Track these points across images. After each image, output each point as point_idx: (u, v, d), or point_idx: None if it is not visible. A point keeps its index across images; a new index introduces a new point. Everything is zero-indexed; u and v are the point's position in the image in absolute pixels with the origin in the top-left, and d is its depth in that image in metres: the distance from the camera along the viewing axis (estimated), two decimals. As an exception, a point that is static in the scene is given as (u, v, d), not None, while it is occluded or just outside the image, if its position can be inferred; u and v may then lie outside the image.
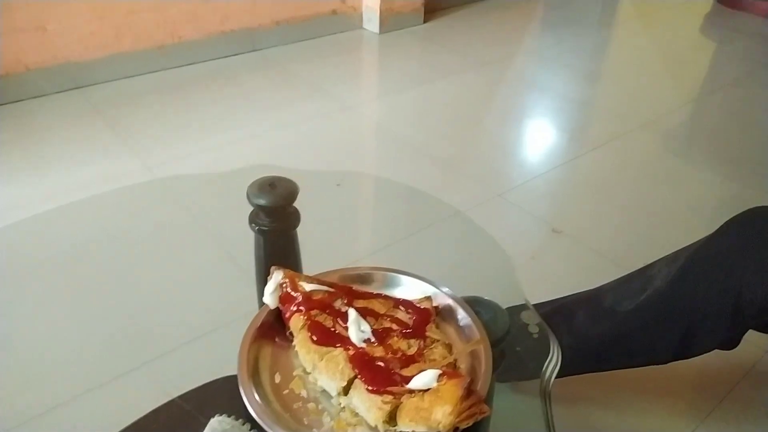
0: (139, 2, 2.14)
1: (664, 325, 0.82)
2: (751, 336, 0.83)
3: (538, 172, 1.80)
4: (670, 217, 1.63)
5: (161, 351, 1.03)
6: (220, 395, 0.55)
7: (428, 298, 0.61)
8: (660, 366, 0.89)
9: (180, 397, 0.59)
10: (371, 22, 2.75)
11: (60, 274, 1.11)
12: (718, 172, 1.88)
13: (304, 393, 0.54)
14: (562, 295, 0.99)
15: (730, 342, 0.82)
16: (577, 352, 0.90)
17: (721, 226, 0.82)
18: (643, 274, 0.89)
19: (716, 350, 0.84)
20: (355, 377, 0.52)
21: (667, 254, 0.88)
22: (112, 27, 2.13)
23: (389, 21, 2.74)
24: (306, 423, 0.51)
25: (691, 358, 0.85)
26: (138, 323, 1.06)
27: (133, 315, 1.07)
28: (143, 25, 2.19)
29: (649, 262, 0.90)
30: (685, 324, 0.80)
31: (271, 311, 0.60)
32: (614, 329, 0.87)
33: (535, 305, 0.99)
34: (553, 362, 0.61)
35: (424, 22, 2.88)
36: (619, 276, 0.93)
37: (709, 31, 3.23)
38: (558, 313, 0.94)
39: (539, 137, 2.07)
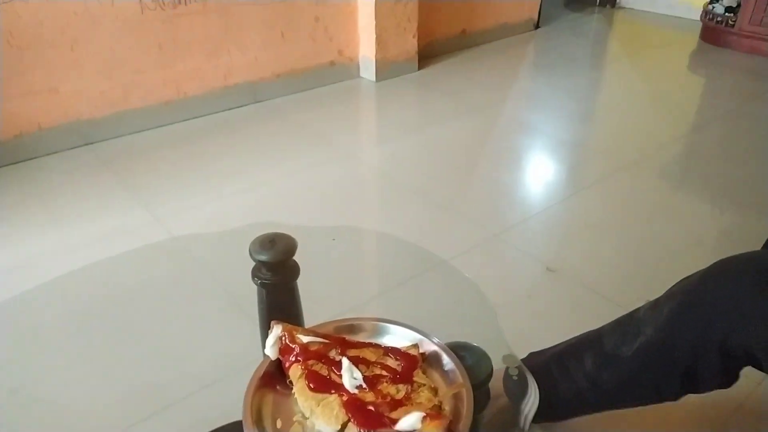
0: (145, 62, 2.26)
1: (662, 371, 0.86)
2: (745, 369, 0.85)
3: (533, 212, 1.86)
4: (667, 251, 1.67)
5: (173, 399, 1.08)
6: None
7: (415, 346, 0.66)
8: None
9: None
10: (368, 71, 2.87)
11: (76, 331, 1.17)
12: (715, 204, 1.92)
13: (303, 437, 0.59)
14: (557, 331, 1.03)
15: (728, 382, 0.86)
16: (595, 394, 0.94)
17: (698, 279, 0.85)
18: (632, 318, 0.93)
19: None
20: (349, 421, 0.57)
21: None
22: (121, 86, 2.24)
23: (385, 70, 2.85)
24: (305, 465, 0.56)
25: (699, 393, 0.88)
26: (151, 375, 1.12)
27: (146, 367, 1.13)
28: (150, 82, 2.30)
29: (645, 298, 0.94)
30: (680, 369, 0.84)
31: (272, 362, 0.65)
32: (620, 373, 0.90)
33: (544, 350, 1.04)
34: (530, 401, 0.66)
35: (419, 69, 3.00)
36: (613, 314, 0.98)
37: (697, 67, 3.33)
38: (569, 357, 0.97)
39: (534, 178, 2.14)
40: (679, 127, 2.53)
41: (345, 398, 0.59)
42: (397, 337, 0.68)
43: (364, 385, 0.60)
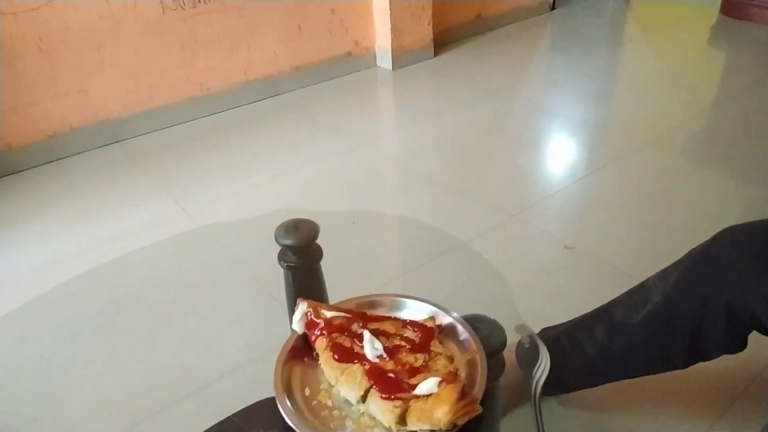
0: (168, 61, 2.33)
1: (669, 336, 0.89)
2: (762, 338, 0.87)
3: (551, 192, 1.89)
4: (686, 227, 1.67)
5: (207, 380, 1.14)
6: (268, 412, 0.65)
7: (432, 318, 0.71)
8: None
9: (234, 414, 0.69)
10: (384, 60, 2.90)
11: (114, 318, 1.25)
12: (736, 180, 1.92)
13: (329, 403, 0.64)
14: (575, 307, 1.07)
15: (735, 346, 0.89)
16: (604, 363, 0.98)
17: (704, 245, 0.89)
18: (642, 287, 0.97)
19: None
20: (371, 387, 0.61)
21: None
22: (146, 85, 2.31)
23: (401, 58, 2.88)
24: (332, 427, 0.61)
25: (707, 360, 0.92)
26: (186, 357, 1.18)
27: (182, 350, 1.20)
28: (173, 81, 2.37)
29: None
30: (687, 334, 0.87)
31: (299, 336, 0.70)
32: (629, 341, 0.94)
33: (556, 325, 1.08)
34: (541, 368, 0.70)
35: (435, 56, 3.02)
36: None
37: (717, 42, 3.28)
38: (580, 329, 1.02)
39: (551, 159, 2.16)
40: (699, 103, 2.51)
41: (367, 367, 0.64)
42: (415, 311, 0.73)
43: (385, 355, 0.65)
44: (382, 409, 0.60)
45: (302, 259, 0.82)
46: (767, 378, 1.19)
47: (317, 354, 0.68)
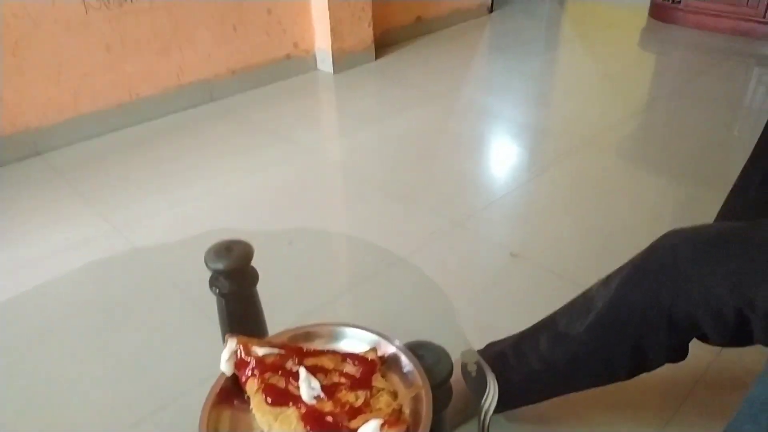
0: (93, 64, 2.19)
1: (611, 344, 0.88)
2: (701, 342, 0.87)
3: (493, 198, 1.88)
4: (628, 229, 1.69)
5: (138, 417, 1.06)
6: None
7: (373, 350, 0.66)
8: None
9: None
10: (325, 63, 2.84)
11: (32, 349, 1.14)
12: (671, 179, 1.97)
13: (261, 453, 0.58)
14: (522, 317, 1.04)
15: (676, 354, 0.88)
16: (548, 376, 0.96)
17: (646, 250, 0.88)
18: (585, 296, 0.95)
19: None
20: (307, 433, 0.56)
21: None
22: (69, 90, 2.17)
23: (342, 61, 2.83)
24: (264, 481, 0.56)
25: (649, 371, 0.91)
26: (115, 391, 1.09)
27: (108, 384, 1.10)
28: (100, 86, 2.23)
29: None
30: (629, 342, 0.86)
31: (229, 377, 0.64)
32: (572, 352, 0.92)
33: (501, 339, 1.05)
34: (489, 398, 0.67)
35: (376, 58, 2.98)
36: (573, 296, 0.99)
37: (647, 44, 3.39)
38: (525, 342, 0.99)
39: (494, 163, 2.16)
40: (632, 104, 2.58)
41: (303, 410, 0.58)
42: (355, 341, 0.68)
43: (322, 395, 0.60)
44: (319, 459, 0.55)
45: (236, 285, 0.76)
46: (710, 381, 1.21)
47: (248, 397, 0.62)
